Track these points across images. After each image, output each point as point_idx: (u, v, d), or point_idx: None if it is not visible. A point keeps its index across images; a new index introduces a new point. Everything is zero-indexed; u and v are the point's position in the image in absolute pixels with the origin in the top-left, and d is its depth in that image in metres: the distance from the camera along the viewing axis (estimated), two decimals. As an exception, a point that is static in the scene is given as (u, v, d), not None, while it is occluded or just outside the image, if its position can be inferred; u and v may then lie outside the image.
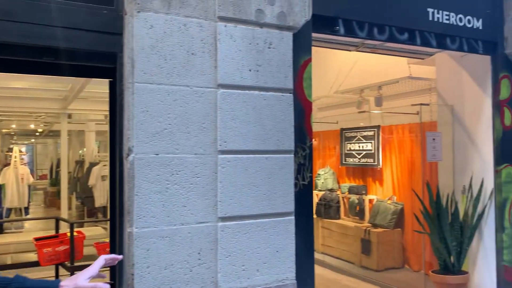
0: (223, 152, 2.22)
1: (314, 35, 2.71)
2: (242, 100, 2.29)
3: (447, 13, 3.35)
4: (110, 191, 2.33)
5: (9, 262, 5.53)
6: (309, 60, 2.62)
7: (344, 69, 6.03)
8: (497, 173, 3.72)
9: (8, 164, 9.46)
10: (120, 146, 2.15)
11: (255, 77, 2.33)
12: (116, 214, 2.22)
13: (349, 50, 3.66)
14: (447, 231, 3.88)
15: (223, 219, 2.20)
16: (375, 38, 3.06)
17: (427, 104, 4.84)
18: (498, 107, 3.72)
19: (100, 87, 5.73)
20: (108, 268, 2.32)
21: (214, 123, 2.22)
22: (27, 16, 2.03)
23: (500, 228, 3.68)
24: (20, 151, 10.67)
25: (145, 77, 2.07)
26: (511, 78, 3.73)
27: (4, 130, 13.49)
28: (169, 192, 2.10)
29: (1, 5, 1.98)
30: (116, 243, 2.20)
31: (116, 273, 2.18)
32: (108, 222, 8.04)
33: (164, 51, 2.11)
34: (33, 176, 10.74)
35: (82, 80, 5.38)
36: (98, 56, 2.22)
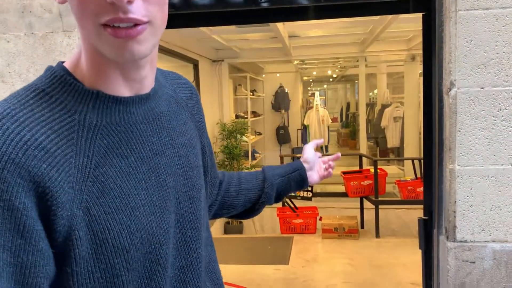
0: None
1: None
2: None
3: None
4: (425, 127, 2.30)
5: (318, 190, 6.35)
6: None
7: None
8: None
9: (311, 108, 10.75)
10: (439, 81, 2.07)
11: None
12: (433, 151, 2.19)
13: None
14: None
15: None
16: None
17: None
18: None
19: (401, 25, 5.47)
20: (422, 205, 2.36)
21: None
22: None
23: None
24: (320, 96, 11.92)
25: (469, 3, 1.89)
26: None
27: (304, 78, 15.27)
28: (496, 129, 1.92)
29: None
30: (433, 179, 2.19)
31: (434, 209, 2.19)
32: (404, 161, 8.15)
33: (492, -31, 1.86)
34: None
35: (384, 21, 5.28)
36: (413, -11, 2.15)
